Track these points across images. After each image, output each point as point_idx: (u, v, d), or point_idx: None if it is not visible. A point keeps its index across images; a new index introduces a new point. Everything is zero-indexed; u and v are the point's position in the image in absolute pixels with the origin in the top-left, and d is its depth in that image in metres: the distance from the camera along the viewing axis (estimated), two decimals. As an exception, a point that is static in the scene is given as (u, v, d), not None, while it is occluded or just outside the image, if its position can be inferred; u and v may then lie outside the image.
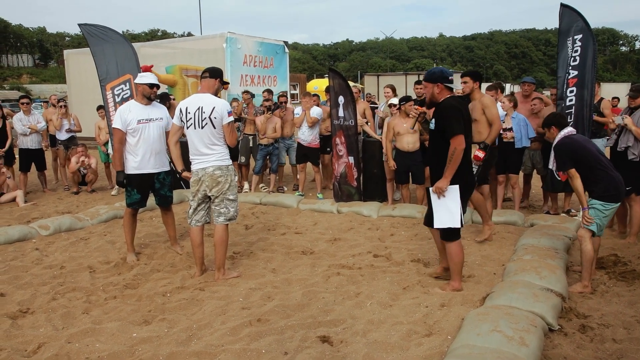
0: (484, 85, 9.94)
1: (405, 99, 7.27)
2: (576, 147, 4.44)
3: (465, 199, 4.32)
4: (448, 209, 4.20)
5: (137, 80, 5.30)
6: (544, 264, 4.53)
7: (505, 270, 4.66)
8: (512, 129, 6.90)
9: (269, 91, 9.64)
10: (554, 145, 4.58)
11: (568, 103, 6.98)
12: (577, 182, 4.37)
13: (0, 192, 8.67)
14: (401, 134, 7.21)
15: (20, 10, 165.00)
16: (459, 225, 4.23)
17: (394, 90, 8.54)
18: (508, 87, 31.62)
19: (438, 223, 4.27)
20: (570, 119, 6.93)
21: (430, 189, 4.27)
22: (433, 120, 4.29)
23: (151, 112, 5.30)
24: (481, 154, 5.57)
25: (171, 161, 5.31)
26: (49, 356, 3.37)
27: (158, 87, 5.39)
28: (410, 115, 4.74)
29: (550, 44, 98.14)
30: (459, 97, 4.47)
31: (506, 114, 7.00)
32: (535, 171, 7.55)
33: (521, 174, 7.55)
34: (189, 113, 4.59)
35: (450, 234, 4.28)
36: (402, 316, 3.85)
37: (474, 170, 5.59)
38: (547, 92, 12.34)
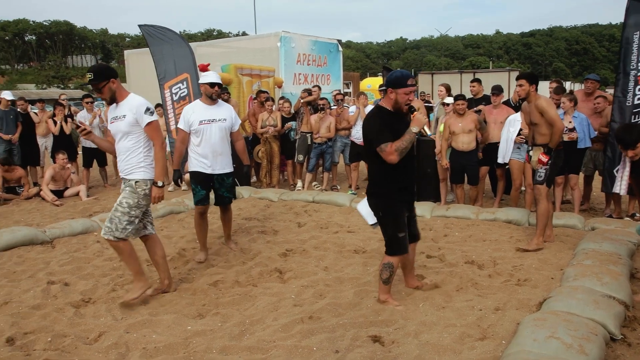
0: (544, 83, 9.64)
1: (457, 98, 7.17)
2: None
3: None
4: None
5: (200, 80, 5.30)
6: (606, 269, 4.34)
7: (563, 275, 4.50)
8: (575, 128, 6.65)
9: (308, 90, 9.66)
10: None
11: (636, 102, 6.64)
12: None
13: (65, 187, 9.06)
14: (456, 133, 7.11)
15: (84, 13, 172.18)
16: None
17: (448, 89, 8.39)
18: (568, 85, 30.53)
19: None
20: (637, 118, 6.62)
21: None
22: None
23: (215, 113, 5.28)
24: (545, 158, 5.31)
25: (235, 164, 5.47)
26: (109, 344, 3.50)
27: (220, 85, 5.34)
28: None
29: (615, 40, 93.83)
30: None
31: (565, 113, 6.77)
32: (597, 172, 7.27)
33: (581, 175, 7.29)
34: None
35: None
36: (455, 318, 3.79)
37: (542, 174, 5.36)
38: (610, 91, 11.86)
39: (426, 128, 7.07)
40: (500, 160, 7.18)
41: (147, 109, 4.07)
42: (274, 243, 5.89)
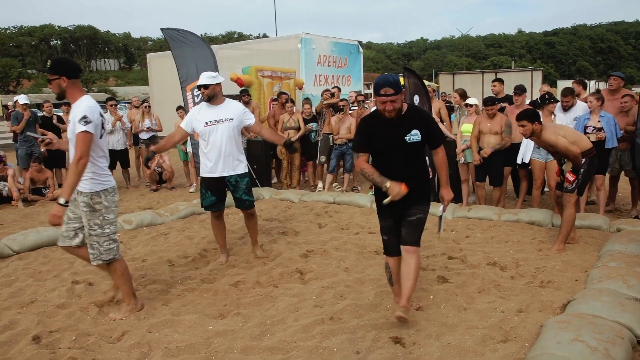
0: (567, 82, 9.48)
1: (490, 100, 7.11)
2: None
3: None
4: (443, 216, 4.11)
5: None
6: (632, 271, 4.26)
7: (588, 277, 4.42)
8: (603, 128, 6.54)
9: (328, 91, 9.68)
10: None
11: None
12: None
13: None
14: (483, 133, 7.09)
15: (108, 17, 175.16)
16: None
17: (462, 95, 8.50)
18: (593, 84, 30.05)
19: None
20: None
21: (443, 213, 3.95)
22: (414, 132, 3.64)
23: (220, 113, 5.07)
24: (572, 177, 5.24)
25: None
26: (132, 344, 3.54)
27: (206, 87, 5.02)
28: None
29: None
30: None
31: (592, 112, 6.65)
32: (622, 173, 7.14)
33: (607, 175, 7.16)
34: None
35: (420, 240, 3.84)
36: (476, 320, 3.75)
37: (572, 185, 5.27)
38: (637, 89, 11.63)
39: (445, 131, 6.95)
40: (519, 161, 7.10)
41: (83, 118, 3.66)
42: (294, 244, 5.91)
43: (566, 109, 7.01)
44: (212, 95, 5.08)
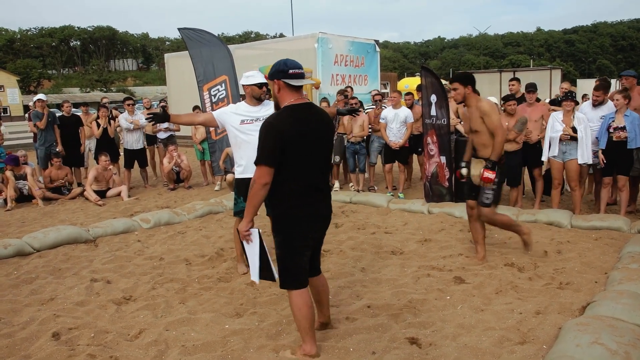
0: (590, 81, 9.35)
1: (507, 98, 7.05)
2: None
3: (301, 244, 3.18)
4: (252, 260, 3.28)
5: (244, 82, 4.83)
6: (653, 273, 4.19)
7: (608, 278, 4.36)
8: (626, 127, 6.41)
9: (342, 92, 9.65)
10: None
11: None
12: None
13: (107, 187, 9.30)
14: None
15: (126, 18, 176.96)
16: (257, 280, 3.31)
17: None
18: (613, 83, 29.56)
19: (253, 275, 3.30)
20: None
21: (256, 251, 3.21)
22: None
23: (259, 111, 4.79)
24: (491, 175, 4.70)
25: None
26: (149, 341, 3.57)
27: (267, 85, 4.81)
28: None
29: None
30: (299, 106, 3.46)
31: (617, 111, 6.52)
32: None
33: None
34: None
35: (286, 281, 3.23)
36: (494, 321, 3.72)
37: (489, 193, 4.85)
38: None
39: (460, 128, 6.70)
40: (544, 158, 6.94)
41: None
42: (310, 243, 5.90)
43: (595, 104, 6.87)
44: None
